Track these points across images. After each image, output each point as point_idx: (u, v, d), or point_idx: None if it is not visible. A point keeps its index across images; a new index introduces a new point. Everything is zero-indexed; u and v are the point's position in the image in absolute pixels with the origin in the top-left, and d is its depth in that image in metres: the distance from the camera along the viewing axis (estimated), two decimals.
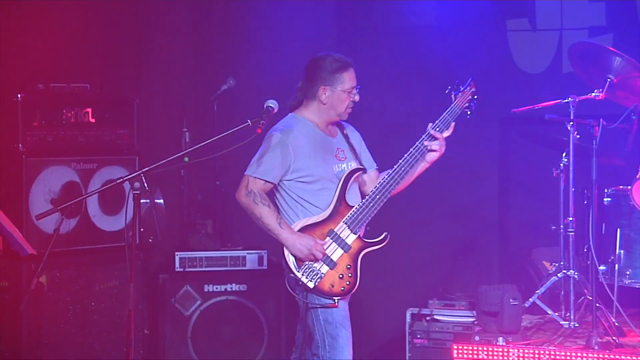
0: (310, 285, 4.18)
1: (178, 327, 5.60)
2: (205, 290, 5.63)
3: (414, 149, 4.30)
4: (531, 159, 6.00)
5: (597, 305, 4.78)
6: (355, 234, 4.24)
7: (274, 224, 4.17)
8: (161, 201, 5.59)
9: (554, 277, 5.17)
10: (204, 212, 6.10)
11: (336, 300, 4.19)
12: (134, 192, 3.80)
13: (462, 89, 4.44)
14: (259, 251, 5.70)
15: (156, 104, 6.06)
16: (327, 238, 4.22)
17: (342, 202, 4.24)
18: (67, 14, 5.52)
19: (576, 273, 5.11)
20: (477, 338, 4.91)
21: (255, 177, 4.20)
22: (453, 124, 4.35)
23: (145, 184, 3.80)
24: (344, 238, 4.23)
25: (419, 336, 5.43)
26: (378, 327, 5.00)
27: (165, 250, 5.79)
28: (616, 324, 4.90)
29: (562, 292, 5.22)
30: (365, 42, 6.24)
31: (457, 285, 5.83)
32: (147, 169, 3.83)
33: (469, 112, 4.45)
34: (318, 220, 4.22)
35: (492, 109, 5.65)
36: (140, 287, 5.37)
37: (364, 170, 4.38)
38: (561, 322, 5.15)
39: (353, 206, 4.26)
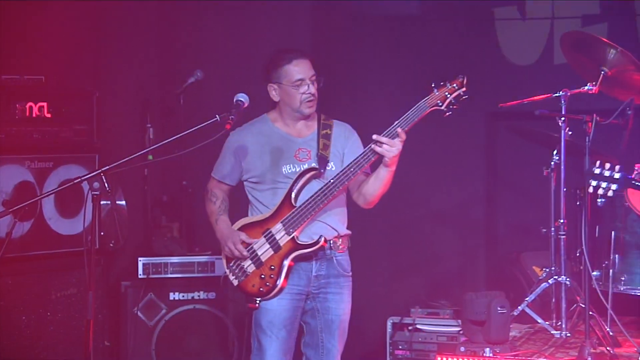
0: (235, 282, 4.34)
1: (141, 338, 5.54)
2: (171, 298, 5.59)
3: (358, 156, 4.19)
4: (520, 157, 6.02)
5: (590, 313, 4.75)
6: (289, 235, 4.27)
7: (212, 220, 4.41)
8: (123, 202, 5.52)
9: (545, 283, 5.18)
10: (169, 214, 6.03)
11: (257, 302, 4.28)
12: (93, 192, 3.79)
13: (441, 85, 4.17)
14: None
15: (117, 97, 5.95)
16: (262, 237, 4.30)
17: (286, 202, 4.28)
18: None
19: (568, 279, 5.12)
20: (462, 349, 4.87)
21: (212, 176, 4.46)
22: (400, 130, 4.09)
23: (106, 184, 3.79)
24: (277, 239, 4.29)
25: (400, 347, 5.43)
26: (356, 337, 5.05)
27: (128, 255, 5.74)
28: (611, 333, 4.91)
29: (553, 300, 5.23)
30: (343, 31, 6.20)
31: (442, 292, 5.81)
32: (107, 167, 3.82)
33: (445, 111, 4.16)
34: (258, 220, 4.33)
35: (478, 104, 5.55)
36: (100, 295, 5.32)
37: (318, 171, 4.29)
38: (552, 332, 5.14)
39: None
